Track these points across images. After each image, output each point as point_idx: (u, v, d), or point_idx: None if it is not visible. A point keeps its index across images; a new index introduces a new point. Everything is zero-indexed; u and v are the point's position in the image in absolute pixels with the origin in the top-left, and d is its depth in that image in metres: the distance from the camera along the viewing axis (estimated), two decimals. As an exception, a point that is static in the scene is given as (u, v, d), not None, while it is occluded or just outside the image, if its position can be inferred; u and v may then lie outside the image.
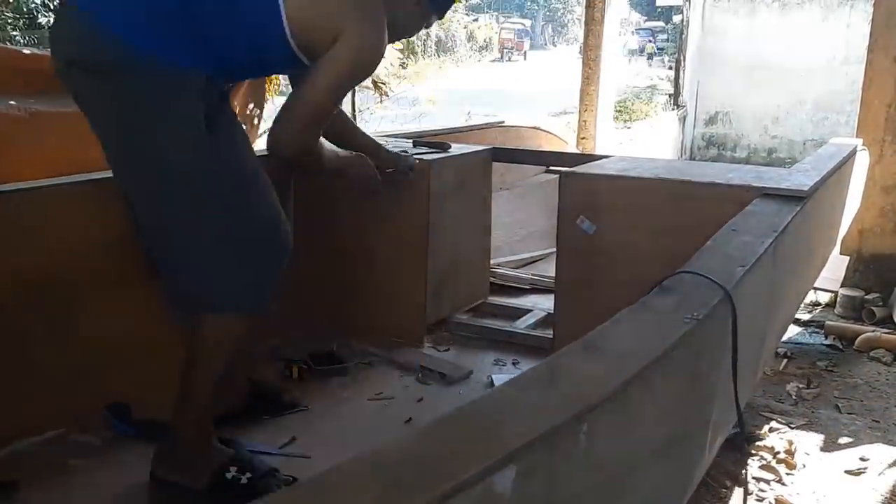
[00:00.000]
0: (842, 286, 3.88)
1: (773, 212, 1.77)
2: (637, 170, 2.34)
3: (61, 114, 3.18)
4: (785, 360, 3.27)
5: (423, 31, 2.16)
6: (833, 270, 3.57)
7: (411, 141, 2.84)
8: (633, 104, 13.71)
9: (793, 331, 3.58)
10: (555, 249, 3.04)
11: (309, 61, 1.74)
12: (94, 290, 2.05)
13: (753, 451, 2.44)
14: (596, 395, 0.77)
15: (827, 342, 3.55)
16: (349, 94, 4.66)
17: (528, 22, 37.76)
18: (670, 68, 16.04)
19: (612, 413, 0.81)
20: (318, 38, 1.70)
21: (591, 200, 2.29)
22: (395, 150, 2.45)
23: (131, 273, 2.16)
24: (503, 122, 4.27)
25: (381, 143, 2.38)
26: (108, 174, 2.27)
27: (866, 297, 3.89)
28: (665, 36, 29.21)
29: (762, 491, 2.26)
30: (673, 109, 12.99)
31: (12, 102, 3.01)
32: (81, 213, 2.06)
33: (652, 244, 2.14)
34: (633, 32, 30.87)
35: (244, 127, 3.96)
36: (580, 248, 2.30)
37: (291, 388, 2.26)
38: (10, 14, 10.34)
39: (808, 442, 2.54)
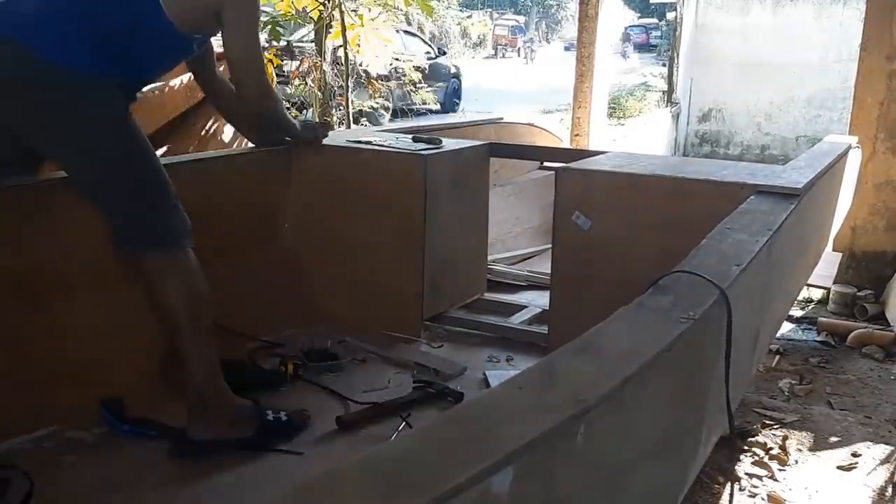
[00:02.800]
0: (834, 283, 3.90)
1: (767, 210, 1.77)
2: (633, 166, 2.35)
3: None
4: (777, 357, 3.29)
5: (415, 28, 2.29)
6: (826, 267, 3.59)
7: (411, 136, 2.84)
8: (626, 101, 13.72)
9: (785, 327, 3.59)
10: (549, 246, 3.04)
11: (197, 38, 2.06)
12: (86, 286, 2.04)
13: (746, 448, 2.45)
14: (593, 395, 0.77)
15: (819, 338, 3.57)
16: (344, 91, 4.66)
17: (521, 18, 37.69)
18: (663, 65, 16.06)
19: (609, 413, 0.80)
20: (199, 17, 1.99)
21: (587, 196, 2.29)
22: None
23: (126, 269, 2.16)
24: (501, 118, 4.26)
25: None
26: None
27: (858, 293, 3.91)
28: (658, 33, 29.23)
29: (755, 487, 2.27)
30: (666, 106, 13.00)
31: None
32: (76, 208, 2.05)
33: (647, 240, 2.14)
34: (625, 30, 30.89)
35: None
36: (576, 245, 2.30)
37: (289, 384, 2.26)
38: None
39: (800, 438, 2.55)
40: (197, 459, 1.85)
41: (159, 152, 3.63)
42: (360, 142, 2.73)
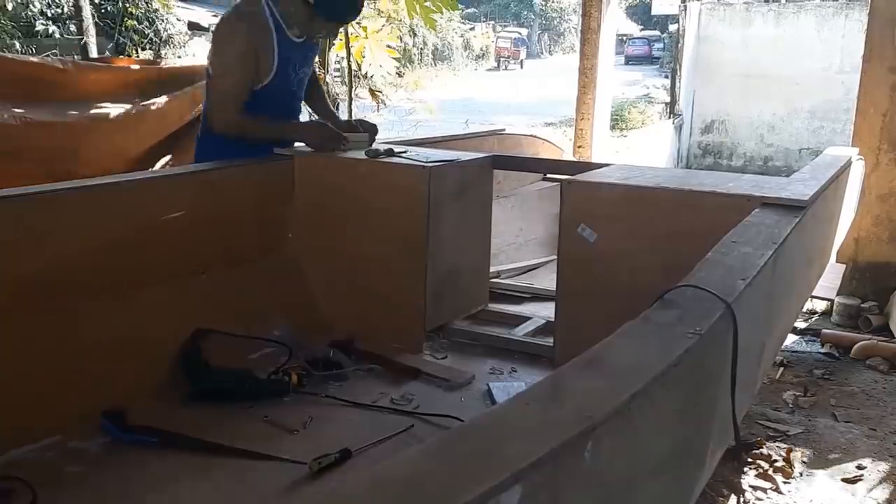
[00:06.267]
0: (838, 294, 3.89)
1: (772, 222, 1.77)
2: (638, 178, 2.34)
3: (55, 122, 3.19)
4: (781, 369, 3.28)
5: (410, 39, 2.33)
6: (829, 278, 3.58)
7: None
8: (628, 113, 13.75)
9: (789, 339, 3.58)
10: (553, 257, 3.03)
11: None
12: (91, 295, 2.04)
13: (750, 460, 2.44)
14: (600, 411, 0.77)
15: (823, 350, 3.56)
16: (346, 102, 4.68)
17: (524, 31, 37.83)
18: (666, 77, 16.11)
19: (617, 430, 0.80)
20: None
21: (592, 208, 2.28)
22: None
23: (129, 279, 2.17)
24: (504, 129, 4.27)
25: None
26: (106, 181, 2.29)
27: (862, 305, 3.90)
28: (661, 45, 29.34)
29: (759, 500, 2.27)
30: (669, 118, 13.02)
31: (10, 107, 3.01)
32: (79, 219, 2.06)
33: (652, 252, 2.14)
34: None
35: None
36: (581, 257, 2.30)
37: (293, 394, 2.26)
38: (7, 22, 10.35)
39: (804, 450, 2.54)
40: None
41: (162, 162, 3.67)
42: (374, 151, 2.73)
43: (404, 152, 2.73)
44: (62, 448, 1.91)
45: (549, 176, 3.85)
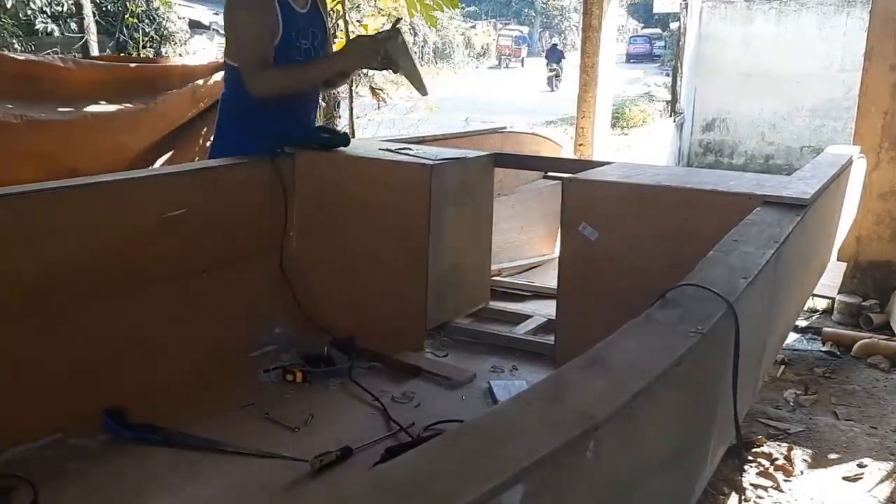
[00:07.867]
0: (839, 292, 3.89)
1: (774, 221, 1.77)
2: (639, 176, 2.34)
3: (55, 121, 3.19)
4: (782, 367, 3.28)
5: (410, 37, 2.33)
6: (831, 277, 3.58)
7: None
8: (629, 111, 13.74)
9: (790, 337, 3.58)
10: (554, 255, 3.03)
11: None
12: (92, 294, 2.05)
13: (751, 458, 2.45)
14: (602, 411, 0.77)
15: (824, 349, 3.56)
16: (348, 101, 4.68)
17: (525, 29, 37.84)
18: (667, 75, 16.12)
19: (618, 429, 0.80)
20: None
21: (593, 207, 2.28)
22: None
23: (129, 278, 2.17)
24: (505, 128, 4.27)
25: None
26: (106, 179, 2.29)
27: (863, 303, 3.90)
28: (662, 43, 29.33)
29: (760, 498, 2.27)
30: (670, 116, 13.02)
31: (9, 106, 3.01)
32: (80, 217, 2.06)
33: (654, 251, 2.13)
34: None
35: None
36: (582, 255, 2.29)
37: (294, 392, 2.26)
38: (8, 20, 10.35)
39: (805, 449, 2.55)
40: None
41: (162, 160, 3.67)
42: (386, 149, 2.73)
43: (405, 150, 2.73)
44: (63, 446, 1.91)
45: (550, 174, 3.85)
